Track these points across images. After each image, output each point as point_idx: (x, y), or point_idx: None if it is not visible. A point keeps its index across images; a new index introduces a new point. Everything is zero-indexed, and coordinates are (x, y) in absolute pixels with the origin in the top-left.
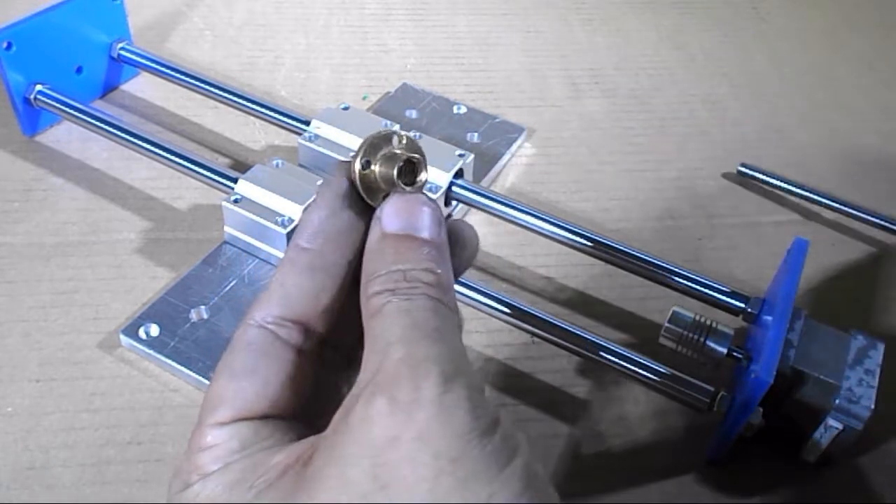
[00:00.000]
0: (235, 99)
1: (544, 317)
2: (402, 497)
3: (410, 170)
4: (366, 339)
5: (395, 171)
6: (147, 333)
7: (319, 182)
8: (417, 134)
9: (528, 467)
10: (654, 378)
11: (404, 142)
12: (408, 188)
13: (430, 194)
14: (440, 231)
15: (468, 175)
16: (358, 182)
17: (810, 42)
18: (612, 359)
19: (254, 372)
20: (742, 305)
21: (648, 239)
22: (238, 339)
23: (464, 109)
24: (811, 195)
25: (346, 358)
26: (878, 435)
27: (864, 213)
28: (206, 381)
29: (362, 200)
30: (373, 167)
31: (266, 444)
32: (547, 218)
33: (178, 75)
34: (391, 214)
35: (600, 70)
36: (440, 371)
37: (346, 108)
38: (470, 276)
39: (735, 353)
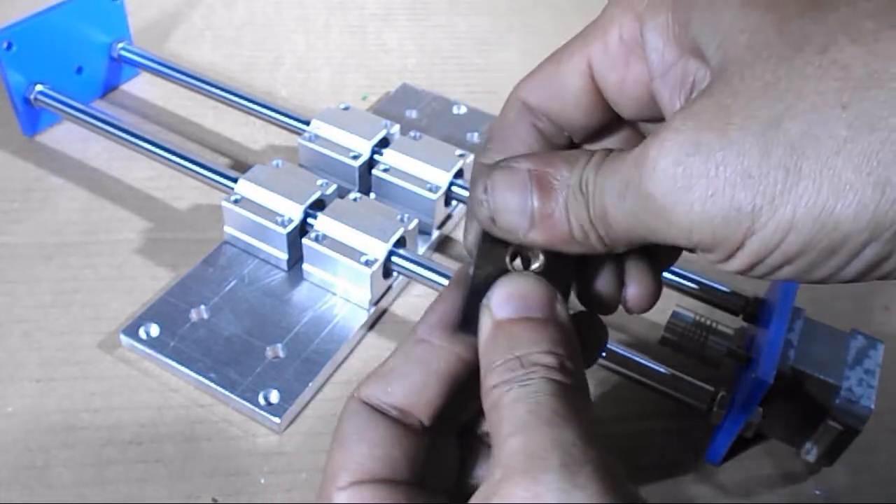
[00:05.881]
0: (235, 99)
1: None
2: None
3: (524, 255)
4: (490, 433)
5: (507, 257)
6: (147, 333)
7: (319, 182)
8: (417, 134)
9: None
10: (654, 378)
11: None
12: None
13: (431, 195)
14: (557, 309)
15: (469, 175)
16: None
17: None
18: (612, 359)
19: (360, 437)
20: (742, 305)
21: None
22: (343, 410)
23: (464, 109)
24: None
25: (462, 426)
26: (878, 435)
27: None
28: (207, 381)
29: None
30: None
31: None
32: None
33: (178, 75)
34: (501, 300)
35: None
36: (560, 463)
37: (346, 108)
38: None
39: (735, 353)
